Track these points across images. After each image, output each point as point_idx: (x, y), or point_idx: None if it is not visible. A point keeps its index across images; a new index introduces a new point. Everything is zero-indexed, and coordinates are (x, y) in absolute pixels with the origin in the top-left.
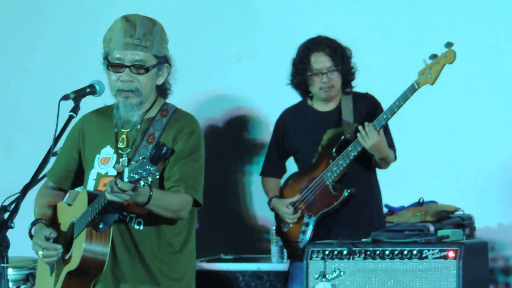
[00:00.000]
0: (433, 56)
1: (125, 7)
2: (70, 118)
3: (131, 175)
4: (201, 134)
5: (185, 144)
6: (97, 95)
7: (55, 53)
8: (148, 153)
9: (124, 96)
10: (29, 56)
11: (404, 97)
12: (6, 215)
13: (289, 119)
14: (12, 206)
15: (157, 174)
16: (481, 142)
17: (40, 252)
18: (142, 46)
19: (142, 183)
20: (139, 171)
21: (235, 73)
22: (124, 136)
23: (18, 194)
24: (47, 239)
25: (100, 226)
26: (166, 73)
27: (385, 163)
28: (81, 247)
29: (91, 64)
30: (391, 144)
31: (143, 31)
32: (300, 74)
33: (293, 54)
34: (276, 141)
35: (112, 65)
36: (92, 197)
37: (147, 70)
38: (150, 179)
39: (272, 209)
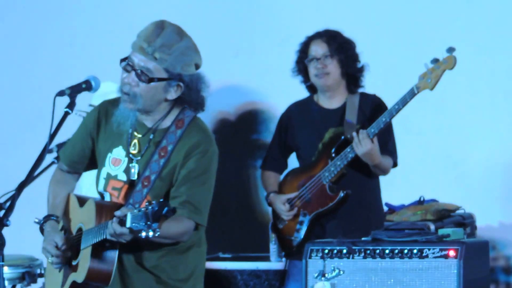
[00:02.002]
0: (435, 61)
1: (119, 2)
2: (66, 114)
3: (133, 224)
4: (214, 152)
5: (196, 164)
6: (92, 91)
7: (50, 48)
8: (151, 207)
9: (123, 100)
10: (23, 52)
11: (404, 101)
12: (1, 213)
13: (293, 114)
14: (8, 204)
15: (157, 231)
16: (482, 140)
17: (50, 259)
18: (153, 56)
19: (143, 234)
20: (141, 223)
21: (245, 68)
22: (136, 141)
23: (14, 192)
24: (57, 248)
25: (107, 244)
26: (179, 91)
27: (379, 170)
28: (87, 261)
29: (87, 60)
30: (392, 151)
31: (162, 42)
32: (299, 62)
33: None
34: (279, 135)
35: (124, 62)
36: (100, 209)
37: (150, 80)
38: (151, 234)
39: (269, 204)
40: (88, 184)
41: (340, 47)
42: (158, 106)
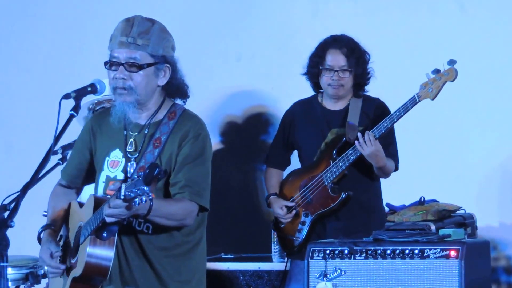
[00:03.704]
0: (436, 71)
1: (126, 7)
2: (71, 117)
3: (127, 193)
4: (206, 137)
5: (190, 148)
6: (98, 94)
7: (56, 52)
8: (141, 173)
9: (119, 94)
10: (31, 55)
11: (405, 109)
12: (6, 214)
13: (297, 113)
14: (12, 205)
15: (149, 194)
16: (483, 140)
17: (46, 268)
18: (136, 44)
19: (137, 201)
20: (134, 189)
21: (248, 72)
22: (132, 140)
23: (18, 193)
24: (52, 256)
25: (104, 234)
26: (168, 73)
27: (382, 173)
28: (85, 254)
29: (93, 63)
30: (394, 154)
31: (139, 30)
32: (313, 67)
33: (294, 53)
34: (283, 131)
35: (108, 64)
36: (98, 202)
37: (140, 68)
38: (144, 198)
39: (268, 206)
40: (88, 191)
41: (358, 61)
42: (152, 96)
